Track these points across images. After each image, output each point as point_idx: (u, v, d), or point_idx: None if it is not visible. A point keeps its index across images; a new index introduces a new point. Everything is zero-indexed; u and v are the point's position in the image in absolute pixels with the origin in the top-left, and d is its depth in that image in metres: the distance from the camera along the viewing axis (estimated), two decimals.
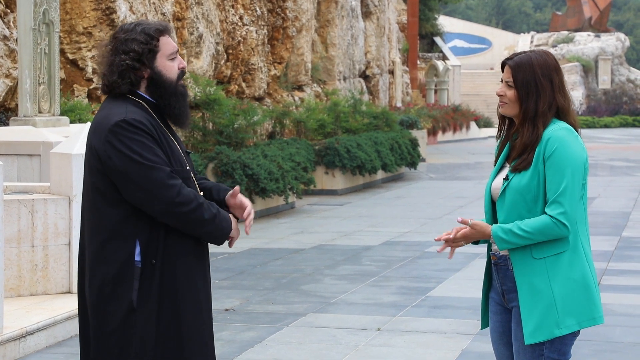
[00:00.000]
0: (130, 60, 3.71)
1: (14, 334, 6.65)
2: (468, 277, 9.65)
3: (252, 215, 3.87)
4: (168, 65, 3.79)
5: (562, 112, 3.89)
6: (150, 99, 3.78)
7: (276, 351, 6.88)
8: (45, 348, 6.90)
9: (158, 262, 3.68)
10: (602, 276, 9.65)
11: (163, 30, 3.80)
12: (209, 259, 3.92)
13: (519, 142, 3.87)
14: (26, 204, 7.82)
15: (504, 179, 3.89)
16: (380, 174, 20.35)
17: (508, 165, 3.93)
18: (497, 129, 4.07)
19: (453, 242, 3.91)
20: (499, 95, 3.91)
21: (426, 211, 15.56)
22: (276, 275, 9.86)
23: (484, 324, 4.10)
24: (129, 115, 3.67)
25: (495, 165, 4.01)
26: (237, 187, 3.88)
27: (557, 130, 3.81)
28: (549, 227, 3.73)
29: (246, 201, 3.89)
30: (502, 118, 4.01)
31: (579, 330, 3.84)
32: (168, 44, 3.80)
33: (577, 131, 3.88)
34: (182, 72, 3.83)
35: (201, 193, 3.88)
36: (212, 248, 4.07)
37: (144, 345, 3.67)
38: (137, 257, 3.67)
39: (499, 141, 4.04)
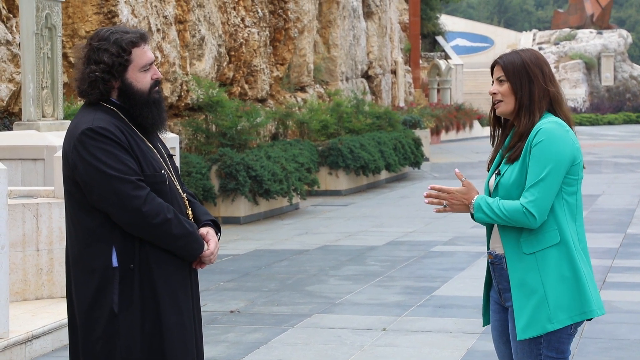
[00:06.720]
0: (100, 72, 3.70)
1: (20, 338, 6.66)
2: (473, 276, 9.64)
3: (212, 257, 3.82)
4: (140, 77, 3.75)
5: (555, 103, 3.88)
6: (122, 105, 3.76)
7: (282, 352, 6.88)
8: (52, 352, 6.91)
9: (136, 267, 3.66)
10: (607, 273, 9.64)
11: (137, 42, 3.74)
12: (195, 270, 3.88)
13: (516, 132, 3.87)
14: (31, 208, 7.84)
15: (495, 173, 3.92)
16: (383, 174, 20.34)
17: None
18: (489, 135, 4.04)
19: (446, 194, 3.99)
20: (493, 94, 3.90)
21: (430, 211, 15.53)
22: (281, 276, 9.87)
23: (485, 322, 4.13)
24: (95, 123, 3.66)
25: (489, 170, 4.03)
26: (210, 233, 3.85)
27: (547, 123, 3.80)
28: (518, 213, 3.75)
29: (212, 243, 3.83)
30: (494, 123, 4.00)
31: (576, 329, 3.85)
32: (142, 55, 3.75)
33: (570, 125, 3.87)
34: (155, 82, 3.79)
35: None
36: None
37: (129, 351, 3.66)
38: (115, 263, 3.65)
39: (493, 148, 4.04)
